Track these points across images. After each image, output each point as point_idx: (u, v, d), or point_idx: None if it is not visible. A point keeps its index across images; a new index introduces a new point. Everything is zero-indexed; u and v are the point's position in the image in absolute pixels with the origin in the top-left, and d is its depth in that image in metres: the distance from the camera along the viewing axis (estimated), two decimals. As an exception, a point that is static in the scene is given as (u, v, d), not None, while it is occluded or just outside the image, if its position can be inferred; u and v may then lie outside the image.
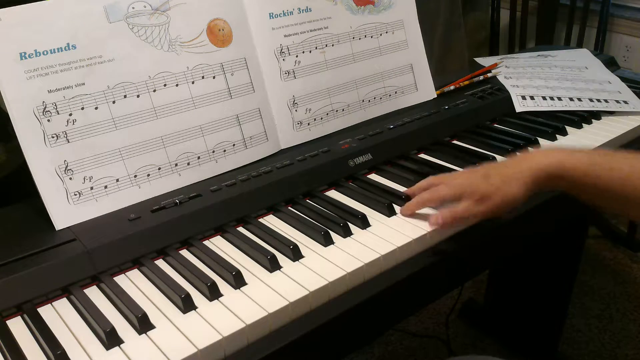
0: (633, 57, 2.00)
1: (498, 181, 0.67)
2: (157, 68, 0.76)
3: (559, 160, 0.66)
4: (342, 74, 0.95)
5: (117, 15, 0.74)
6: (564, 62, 1.30)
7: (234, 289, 0.64)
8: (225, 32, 0.83)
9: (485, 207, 0.68)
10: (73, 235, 0.67)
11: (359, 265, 0.67)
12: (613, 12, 1.97)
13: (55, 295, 0.63)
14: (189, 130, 0.79)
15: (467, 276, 1.03)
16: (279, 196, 0.79)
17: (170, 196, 0.75)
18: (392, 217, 0.76)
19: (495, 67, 1.23)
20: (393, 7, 1.02)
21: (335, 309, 0.64)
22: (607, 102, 1.11)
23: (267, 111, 0.87)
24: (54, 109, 0.69)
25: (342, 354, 0.70)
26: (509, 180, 0.67)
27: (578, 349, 1.58)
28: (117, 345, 0.56)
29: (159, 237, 0.69)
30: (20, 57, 0.68)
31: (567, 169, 0.65)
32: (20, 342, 0.57)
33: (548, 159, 0.66)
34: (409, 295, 0.73)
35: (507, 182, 0.67)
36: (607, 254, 1.97)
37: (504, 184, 0.67)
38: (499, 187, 0.67)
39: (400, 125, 0.95)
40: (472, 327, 1.67)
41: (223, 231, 0.74)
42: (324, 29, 0.93)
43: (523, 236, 0.90)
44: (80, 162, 0.71)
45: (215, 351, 0.56)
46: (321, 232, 0.71)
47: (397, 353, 1.59)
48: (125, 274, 0.67)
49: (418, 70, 1.05)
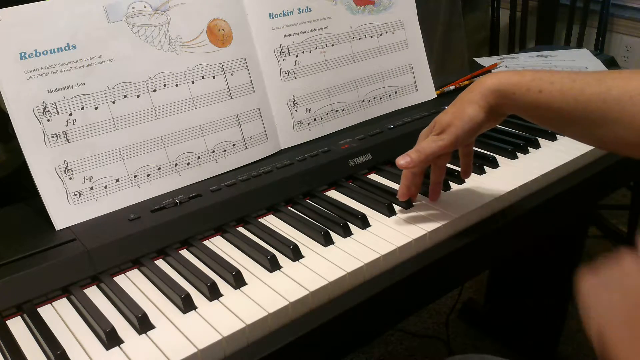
0: (633, 57, 2.00)
1: (452, 109, 0.71)
2: (157, 68, 0.76)
3: (504, 77, 0.68)
4: (342, 74, 0.95)
5: (117, 15, 0.74)
6: (564, 62, 1.30)
7: (234, 289, 0.64)
8: (225, 32, 0.83)
9: (447, 135, 0.71)
10: (73, 235, 0.67)
11: (359, 265, 0.67)
12: (613, 12, 1.97)
13: (55, 295, 0.63)
14: (189, 130, 0.79)
15: (467, 276, 1.02)
16: (279, 196, 0.79)
17: (170, 196, 0.75)
18: (392, 217, 0.76)
19: (495, 67, 1.23)
20: (393, 7, 1.02)
21: (335, 309, 0.64)
22: (607, 102, 1.10)
23: (267, 111, 0.87)
24: (54, 109, 0.69)
25: (342, 354, 0.70)
26: (462, 103, 0.70)
27: (578, 349, 1.58)
28: (117, 345, 0.56)
29: (159, 237, 0.69)
30: (20, 57, 0.68)
31: (513, 83, 0.67)
32: (20, 342, 0.57)
33: (495, 77, 0.69)
34: (409, 295, 0.73)
35: (460, 105, 0.70)
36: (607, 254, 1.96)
37: (458, 109, 0.70)
38: (454, 113, 0.70)
39: (400, 125, 0.95)
40: (472, 327, 1.67)
41: (223, 231, 0.74)
42: (324, 29, 0.93)
43: (523, 236, 0.90)
44: (80, 162, 0.71)
45: (215, 351, 0.56)
46: (321, 232, 0.71)
47: (397, 353, 1.59)
48: (125, 274, 0.67)
49: (418, 70, 1.05)
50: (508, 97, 0.67)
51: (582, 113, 0.62)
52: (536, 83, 0.65)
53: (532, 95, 0.65)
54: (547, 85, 0.64)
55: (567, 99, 0.63)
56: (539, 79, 0.65)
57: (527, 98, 0.66)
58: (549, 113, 0.65)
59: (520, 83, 0.66)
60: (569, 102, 0.63)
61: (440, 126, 0.71)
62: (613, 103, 0.60)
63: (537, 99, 0.65)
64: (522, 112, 0.68)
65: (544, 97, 0.64)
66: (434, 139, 0.72)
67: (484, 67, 1.23)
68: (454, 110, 0.71)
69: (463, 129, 0.70)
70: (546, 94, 0.64)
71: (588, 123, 0.62)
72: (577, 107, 0.62)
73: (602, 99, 0.60)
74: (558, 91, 0.63)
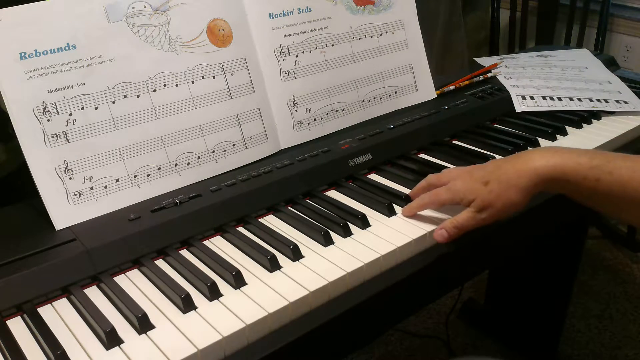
0: (633, 57, 2.00)
1: (497, 188, 0.67)
2: (157, 68, 0.76)
3: (559, 164, 0.65)
4: (342, 74, 0.95)
5: (117, 15, 0.74)
6: (564, 62, 1.30)
7: (234, 289, 0.64)
8: (225, 32, 0.83)
9: (487, 215, 0.68)
10: (73, 235, 0.67)
11: (358, 265, 0.67)
12: (613, 12, 1.97)
13: (55, 295, 0.63)
14: (189, 130, 0.79)
15: (467, 276, 1.03)
16: (279, 196, 0.79)
17: (170, 196, 0.75)
18: (392, 217, 0.76)
19: (495, 67, 1.23)
20: (393, 7, 1.02)
21: (335, 309, 0.64)
22: (607, 102, 1.11)
23: (267, 111, 0.87)
24: (54, 109, 0.69)
25: (342, 354, 0.70)
26: (509, 186, 0.67)
27: (578, 349, 1.58)
28: (117, 345, 0.56)
29: (159, 237, 0.69)
30: (20, 57, 0.68)
31: (567, 172, 0.64)
32: (20, 342, 0.57)
33: (549, 162, 0.65)
34: (409, 295, 0.73)
35: (507, 188, 0.67)
36: (607, 254, 1.97)
37: (504, 191, 0.67)
38: (499, 195, 0.67)
39: (400, 125, 0.95)
40: (472, 327, 1.67)
41: (223, 231, 0.74)
42: (324, 29, 0.93)
43: (523, 236, 0.90)
44: (80, 162, 0.71)
45: (215, 351, 0.56)
46: (321, 232, 0.71)
47: (397, 353, 1.59)
48: (125, 274, 0.67)
49: (418, 70, 1.05)
50: (561, 184, 0.65)
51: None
52: (594, 172, 0.62)
53: (588, 184, 0.63)
54: (605, 176, 0.62)
55: (628, 190, 0.61)
56: (596, 167, 0.62)
57: (583, 186, 0.63)
58: (607, 201, 0.63)
59: (577, 171, 0.63)
60: (629, 193, 0.61)
61: (481, 203, 0.68)
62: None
63: (594, 188, 0.63)
64: (575, 197, 0.66)
65: (602, 187, 0.62)
66: (474, 217, 0.69)
67: (484, 67, 1.23)
68: (497, 189, 0.67)
69: (506, 214, 0.68)
70: (604, 183, 0.62)
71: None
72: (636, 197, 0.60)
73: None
74: (617, 182, 0.61)
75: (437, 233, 0.71)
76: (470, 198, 0.69)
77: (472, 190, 0.69)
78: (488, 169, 0.70)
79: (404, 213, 0.76)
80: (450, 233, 0.70)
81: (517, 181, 0.66)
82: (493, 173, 0.69)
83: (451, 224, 0.70)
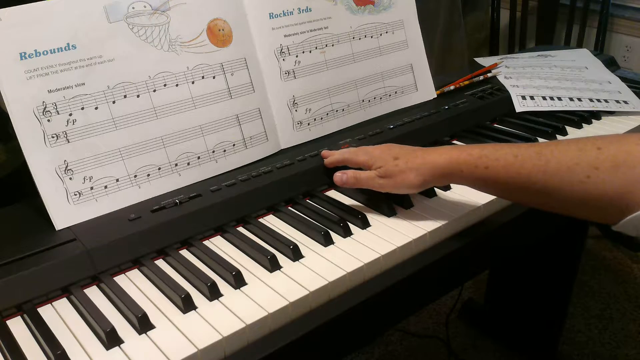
0: (633, 57, 2.01)
1: (403, 166, 0.74)
2: (157, 68, 0.76)
3: (454, 157, 0.71)
4: (342, 74, 0.95)
5: (117, 15, 0.74)
6: (564, 62, 1.30)
7: (234, 289, 0.64)
8: (225, 32, 0.83)
9: (384, 182, 0.75)
10: (73, 235, 0.67)
11: (359, 265, 0.67)
12: (613, 12, 1.97)
13: (55, 295, 0.63)
14: (189, 130, 0.79)
15: (467, 276, 1.02)
16: (279, 196, 0.79)
17: (170, 196, 0.75)
18: (392, 217, 0.77)
19: (495, 67, 1.23)
20: (393, 7, 1.02)
21: (335, 309, 0.64)
22: (607, 102, 1.11)
23: (267, 111, 0.87)
24: (54, 109, 0.69)
25: (342, 354, 0.70)
26: (411, 169, 0.73)
27: (578, 349, 1.58)
28: (117, 345, 0.56)
29: (159, 237, 0.69)
30: (20, 57, 0.68)
31: (461, 163, 0.70)
32: (20, 342, 0.57)
33: (442, 157, 0.72)
34: (409, 295, 0.73)
35: (409, 169, 0.73)
36: (607, 254, 1.97)
37: (406, 170, 0.73)
38: (401, 171, 0.74)
39: (400, 125, 0.95)
40: (472, 327, 1.67)
41: (223, 231, 0.74)
42: (324, 29, 0.93)
43: (523, 236, 0.90)
44: (80, 162, 0.71)
45: (215, 351, 0.56)
46: (321, 232, 0.71)
47: (397, 353, 1.59)
48: (125, 274, 0.67)
49: (418, 70, 1.05)
50: (457, 175, 0.71)
51: (525, 185, 0.66)
52: (482, 161, 0.69)
53: (480, 172, 0.69)
54: (492, 162, 0.68)
55: (511, 173, 0.66)
56: (485, 156, 0.69)
57: (475, 175, 0.70)
58: (496, 186, 0.69)
59: (468, 161, 0.70)
60: (513, 175, 0.66)
61: (385, 172, 0.75)
62: (552, 174, 0.63)
63: (485, 175, 0.69)
64: (471, 185, 0.72)
65: (491, 174, 0.68)
66: (373, 178, 0.76)
67: (484, 67, 1.23)
68: (402, 167, 0.74)
69: (399, 189, 0.75)
70: (492, 170, 0.68)
71: (532, 193, 0.66)
72: (519, 179, 0.66)
73: (542, 171, 0.64)
74: (502, 167, 0.67)
75: (337, 175, 0.79)
76: (378, 164, 0.76)
77: (383, 160, 0.76)
78: (405, 149, 0.77)
79: (326, 161, 0.83)
80: (348, 180, 0.78)
81: (419, 167, 0.73)
82: (406, 154, 0.75)
83: (353, 173, 0.78)
